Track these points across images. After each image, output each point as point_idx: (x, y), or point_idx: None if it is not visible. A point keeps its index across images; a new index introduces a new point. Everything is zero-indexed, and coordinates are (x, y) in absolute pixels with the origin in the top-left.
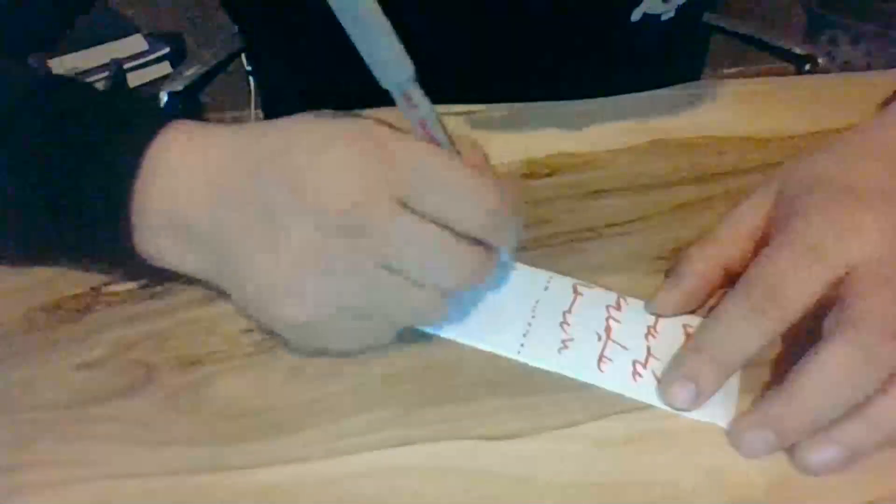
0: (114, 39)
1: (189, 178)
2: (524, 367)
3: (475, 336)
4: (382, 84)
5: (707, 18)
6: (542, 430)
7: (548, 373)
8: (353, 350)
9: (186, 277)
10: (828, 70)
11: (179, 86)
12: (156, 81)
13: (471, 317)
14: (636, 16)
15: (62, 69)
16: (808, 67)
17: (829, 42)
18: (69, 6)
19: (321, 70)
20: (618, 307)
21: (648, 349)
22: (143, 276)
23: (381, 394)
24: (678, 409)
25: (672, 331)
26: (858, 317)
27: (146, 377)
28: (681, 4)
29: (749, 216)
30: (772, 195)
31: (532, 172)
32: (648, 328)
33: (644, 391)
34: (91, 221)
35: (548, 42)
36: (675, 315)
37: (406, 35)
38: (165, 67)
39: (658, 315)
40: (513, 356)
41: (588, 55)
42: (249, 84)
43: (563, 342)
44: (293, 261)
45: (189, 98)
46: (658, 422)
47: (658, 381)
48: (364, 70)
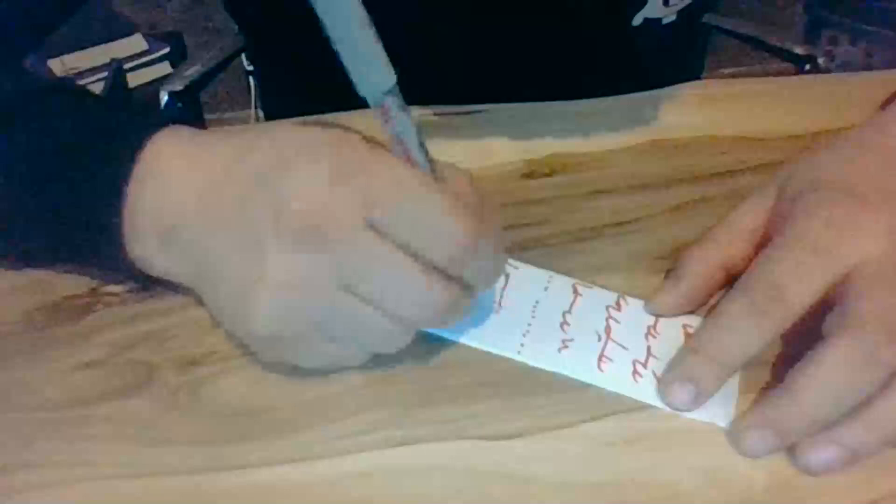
0: (114, 39)
1: (174, 186)
2: (524, 367)
3: (475, 336)
4: (359, 92)
5: (707, 19)
6: (542, 430)
7: (548, 373)
8: (323, 367)
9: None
10: (828, 70)
11: (179, 86)
12: (156, 81)
13: (471, 317)
14: (637, 20)
15: (62, 69)
16: (808, 67)
17: (829, 42)
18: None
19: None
20: (618, 307)
21: (648, 349)
22: (136, 281)
23: (381, 394)
24: (678, 410)
25: (672, 331)
26: (859, 317)
27: (146, 377)
28: (682, 8)
29: (749, 216)
30: (772, 195)
31: (532, 172)
32: (648, 328)
33: (644, 391)
34: (83, 226)
35: (549, 46)
36: (675, 315)
37: (407, 35)
38: (165, 67)
39: (658, 315)
40: (513, 356)
41: (589, 60)
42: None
43: (563, 342)
44: (259, 273)
45: (189, 98)
46: (658, 422)
47: (658, 381)
48: None
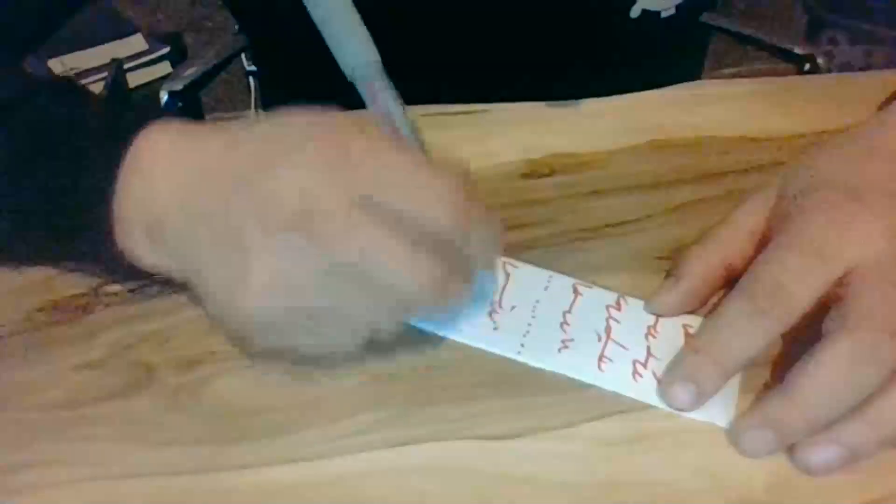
0: (114, 39)
1: (161, 180)
2: (524, 367)
3: (475, 336)
4: (345, 72)
5: (707, 18)
6: (542, 430)
7: (548, 373)
8: (319, 353)
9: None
10: (828, 70)
11: (179, 86)
12: (156, 81)
13: (471, 317)
14: (635, 12)
15: (62, 69)
16: (808, 67)
17: (829, 42)
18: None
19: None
20: (618, 307)
21: (648, 349)
22: (129, 276)
23: (381, 394)
24: (678, 410)
25: (672, 331)
26: (859, 316)
27: (146, 377)
28: (680, 2)
29: (750, 216)
30: (772, 195)
31: (532, 172)
32: (648, 328)
33: (644, 391)
34: (72, 220)
35: (547, 40)
36: (676, 315)
37: (406, 35)
38: (165, 67)
39: (658, 315)
40: (513, 356)
41: (588, 53)
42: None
43: (563, 342)
44: (249, 263)
45: (189, 98)
46: (658, 422)
47: (658, 382)
48: None
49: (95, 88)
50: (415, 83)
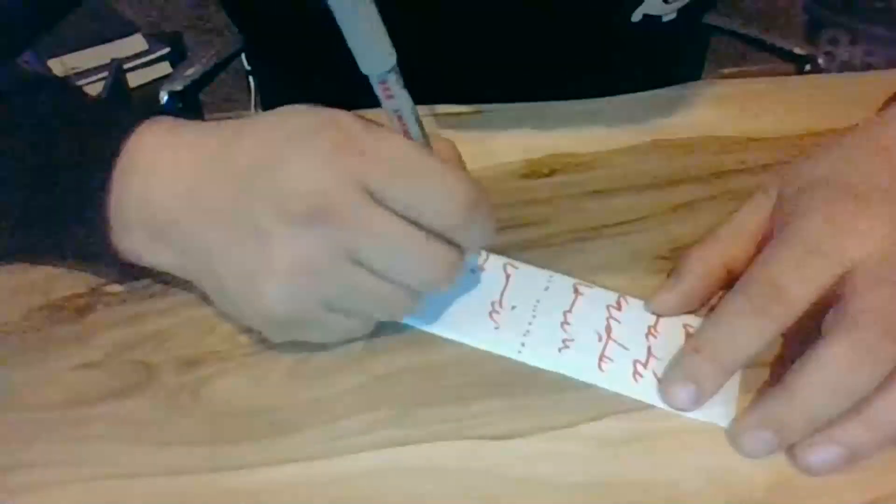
0: (114, 39)
1: (161, 179)
2: (524, 367)
3: (475, 336)
4: (362, 70)
5: (707, 19)
6: (542, 430)
7: (548, 373)
8: (332, 340)
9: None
10: (828, 70)
11: (179, 86)
12: (156, 81)
13: (471, 317)
14: (637, 17)
15: (62, 69)
16: (808, 67)
17: (829, 42)
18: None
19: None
20: (618, 307)
21: (649, 349)
22: (124, 274)
23: (381, 394)
24: (679, 410)
25: (673, 331)
26: (858, 315)
27: (146, 377)
28: (682, 6)
29: (750, 217)
30: (773, 196)
31: (532, 172)
32: (649, 328)
33: (645, 391)
34: (68, 218)
35: (548, 42)
36: (676, 315)
37: (407, 34)
38: (165, 67)
39: (659, 315)
40: (513, 356)
41: (589, 56)
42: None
43: (564, 342)
44: (265, 254)
45: (189, 98)
46: (658, 422)
47: (659, 381)
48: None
49: (95, 88)
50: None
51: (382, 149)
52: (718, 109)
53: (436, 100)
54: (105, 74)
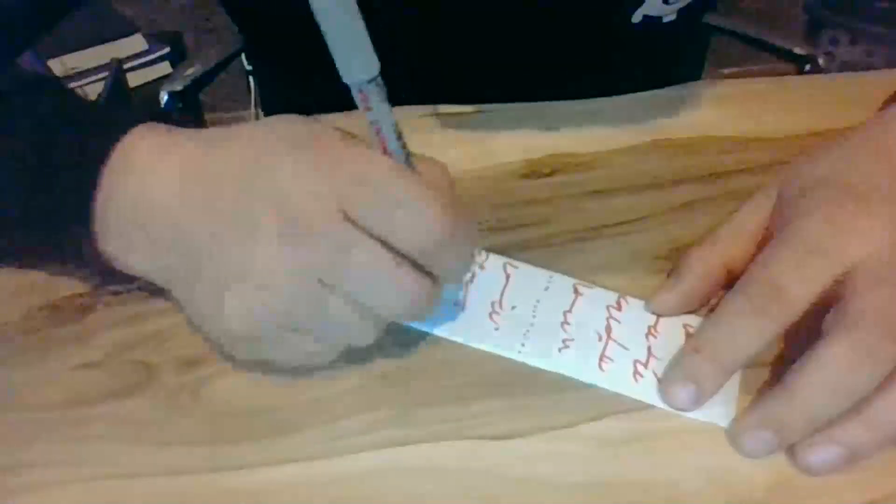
0: (114, 39)
1: (145, 185)
2: (524, 367)
3: (476, 336)
4: (344, 79)
5: (707, 19)
6: (542, 430)
7: (548, 373)
8: (298, 365)
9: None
10: (828, 70)
11: (179, 86)
12: (156, 81)
13: (471, 317)
14: (637, 18)
15: (62, 69)
16: (808, 67)
17: (829, 42)
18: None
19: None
20: (618, 307)
21: (649, 349)
22: (115, 278)
23: (381, 394)
24: (679, 410)
25: (673, 331)
26: (858, 315)
27: (146, 377)
28: (682, 7)
29: (750, 217)
30: (773, 196)
31: (532, 172)
32: (649, 328)
33: (645, 391)
34: (66, 220)
35: (548, 42)
36: (676, 315)
37: (406, 34)
38: (165, 67)
39: (659, 314)
40: (513, 356)
41: (589, 57)
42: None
43: (564, 342)
44: (234, 271)
45: (189, 98)
46: (658, 422)
47: (659, 382)
48: None
49: (95, 88)
50: (415, 83)
51: (361, 168)
52: (718, 109)
53: (436, 100)
54: (105, 74)
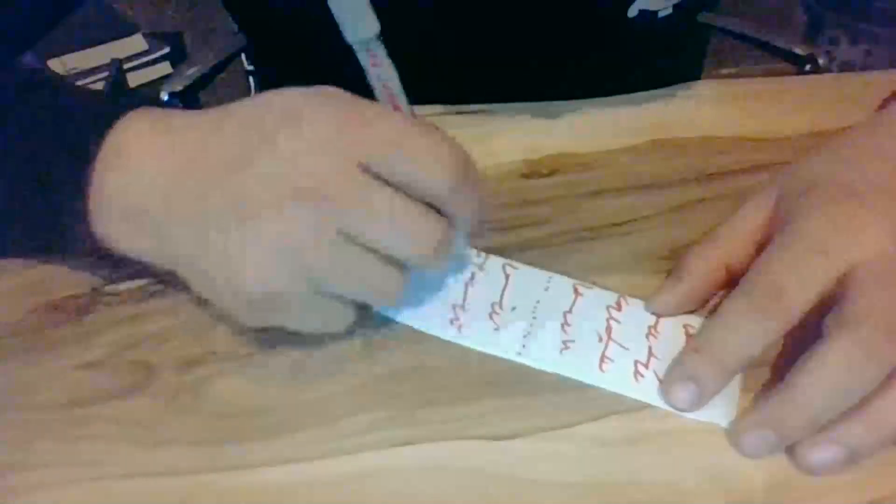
0: (114, 39)
1: (145, 165)
2: (524, 367)
3: (476, 338)
4: (348, 39)
5: (707, 18)
6: (542, 430)
7: (548, 373)
8: (310, 330)
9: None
10: (828, 70)
11: (179, 86)
12: (156, 81)
13: (471, 319)
14: (633, 12)
15: (62, 69)
16: (808, 67)
17: (829, 42)
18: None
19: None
20: (618, 307)
21: (649, 349)
22: (100, 257)
23: (381, 394)
24: (680, 410)
25: (673, 331)
26: (859, 315)
27: (146, 377)
28: (678, 2)
29: (750, 217)
30: (773, 196)
31: (532, 172)
32: (649, 328)
33: (646, 391)
34: (49, 206)
35: (545, 39)
36: (676, 315)
37: (406, 34)
38: (165, 67)
39: (659, 315)
40: (514, 357)
41: (586, 53)
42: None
43: (564, 343)
44: (252, 230)
45: (189, 98)
46: (658, 422)
47: (660, 382)
48: (363, 71)
49: (95, 88)
50: (415, 83)
51: (375, 121)
52: (718, 109)
53: (436, 99)
54: (105, 74)
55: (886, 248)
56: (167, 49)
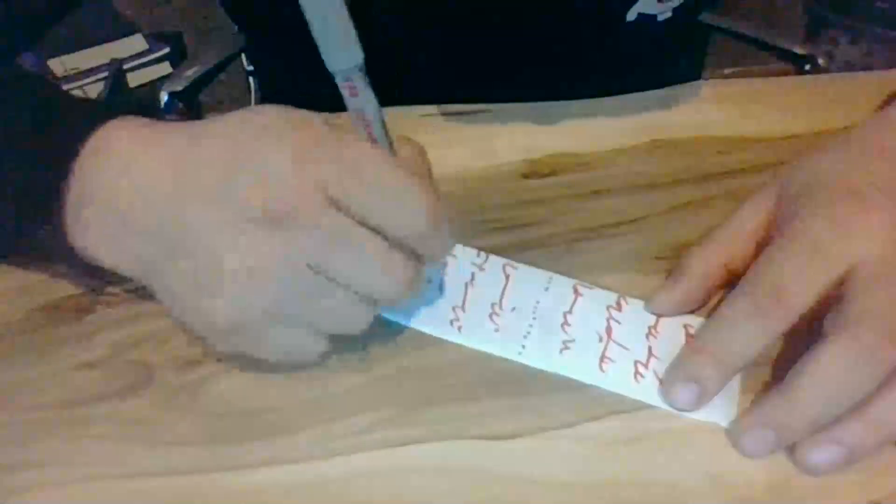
0: (114, 39)
1: (121, 177)
2: (524, 367)
3: (476, 338)
4: (328, 67)
5: (707, 18)
6: (542, 430)
7: (548, 373)
8: (280, 360)
9: None
10: (828, 70)
11: (179, 86)
12: (156, 81)
13: (471, 319)
14: (632, 16)
15: (62, 69)
16: (808, 67)
17: (829, 42)
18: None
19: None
20: (618, 307)
21: (650, 349)
22: (90, 274)
23: (381, 394)
24: (681, 410)
25: (673, 331)
26: (859, 315)
27: (146, 377)
28: (677, 5)
29: (751, 216)
30: (773, 196)
31: (532, 172)
32: (649, 328)
33: (646, 392)
34: (25, 214)
35: (544, 42)
36: (676, 315)
37: (406, 34)
38: (165, 67)
39: (658, 315)
40: (514, 358)
41: (585, 56)
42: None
43: (565, 343)
44: (217, 255)
45: (189, 98)
46: (658, 422)
47: (660, 382)
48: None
49: (95, 88)
50: (415, 83)
51: (348, 155)
52: (718, 109)
53: (436, 99)
54: (105, 74)
55: (887, 249)
56: (167, 49)
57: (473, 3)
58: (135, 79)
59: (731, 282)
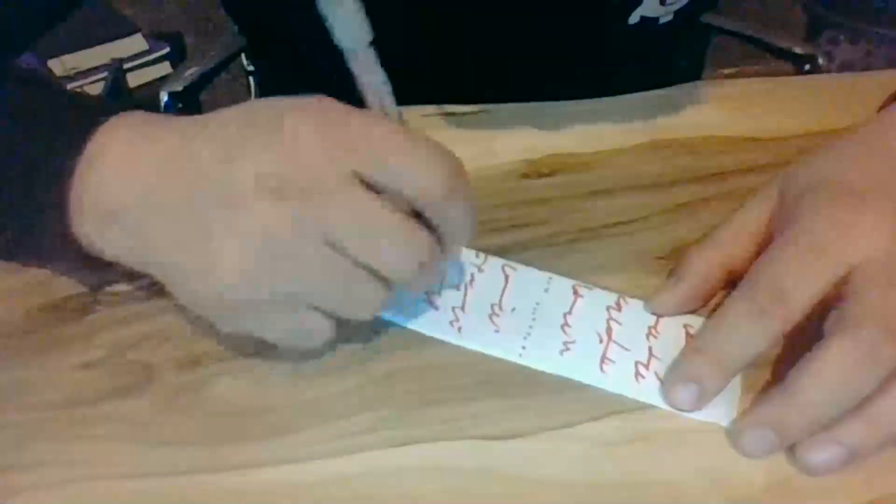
0: (114, 39)
1: (126, 165)
2: (524, 368)
3: (476, 339)
4: (339, 44)
5: (707, 18)
6: (542, 430)
7: (547, 373)
8: (285, 344)
9: None
10: (828, 70)
11: (179, 86)
12: (156, 81)
13: (471, 320)
14: (634, 19)
15: (62, 69)
16: (808, 67)
17: (829, 42)
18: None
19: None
20: (618, 308)
21: (650, 350)
22: (83, 263)
23: (381, 394)
24: (681, 410)
25: (673, 331)
26: (859, 316)
27: (146, 377)
28: (679, 8)
29: (751, 217)
30: (774, 196)
31: (532, 172)
32: (649, 328)
33: (647, 392)
34: (29, 207)
35: (546, 45)
36: (676, 315)
37: (406, 35)
38: (165, 67)
39: (658, 315)
40: (514, 359)
41: (587, 58)
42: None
43: (565, 344)
44: (235, 219)
45: (189, 98)
46: (658, 422)
47: (660, 382)
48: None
49: (95, 88)
50: (415, 83)
51: (366, 129)
52: (718, 109)
53: (436, 100)
54: (105, 74)
55: (887, 249)
56: (167, 49)
57: (474, 4)
58: (135, 79)
59: (732, 282)
